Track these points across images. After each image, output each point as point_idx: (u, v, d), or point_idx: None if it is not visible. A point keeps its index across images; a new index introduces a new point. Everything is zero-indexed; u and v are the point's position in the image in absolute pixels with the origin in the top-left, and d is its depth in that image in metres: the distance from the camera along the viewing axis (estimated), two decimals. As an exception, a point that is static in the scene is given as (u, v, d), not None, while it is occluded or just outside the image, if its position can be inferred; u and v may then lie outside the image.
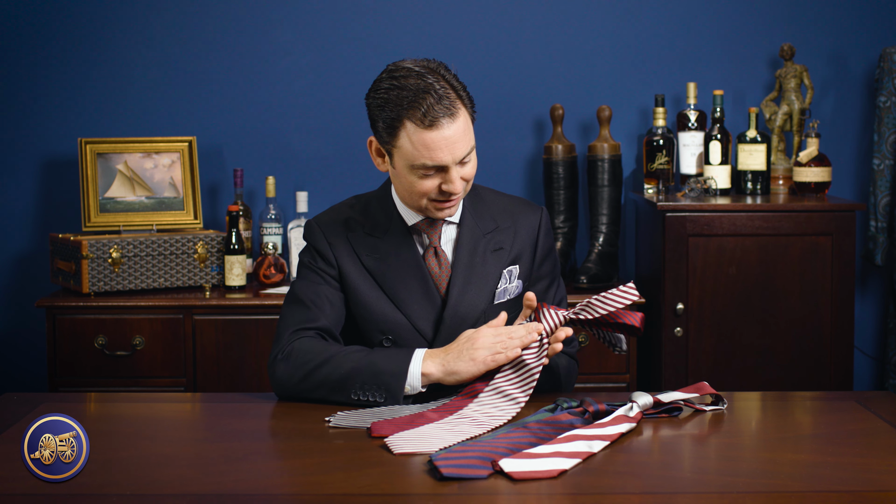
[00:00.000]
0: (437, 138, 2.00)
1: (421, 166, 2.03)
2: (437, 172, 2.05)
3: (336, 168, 3.71)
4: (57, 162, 3.68)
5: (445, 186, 2.05)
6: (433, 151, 2.01)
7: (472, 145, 2.06)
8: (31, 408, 2.01)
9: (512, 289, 2.19)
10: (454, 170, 2.04)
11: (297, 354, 2.05)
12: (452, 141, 2.01)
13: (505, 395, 1.95)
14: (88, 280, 3.30)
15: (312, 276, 2.17)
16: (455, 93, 2.04)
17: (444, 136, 2.01)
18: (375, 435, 1.83)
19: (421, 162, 2.03)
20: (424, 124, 2.00)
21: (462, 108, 2.04)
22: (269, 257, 3.46)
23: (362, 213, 2.22)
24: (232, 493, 1.60)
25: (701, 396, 2.03)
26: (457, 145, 2.02)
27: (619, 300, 1.98)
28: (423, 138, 2.01)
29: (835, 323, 3.27)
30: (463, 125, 2.03)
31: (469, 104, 2.07)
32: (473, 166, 2.09)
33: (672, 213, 3.25)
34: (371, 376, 1.99)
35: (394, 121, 2.02)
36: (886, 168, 3.57)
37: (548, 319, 1.98)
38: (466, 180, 2.09)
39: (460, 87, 2.06)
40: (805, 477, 1.67)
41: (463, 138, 2.03)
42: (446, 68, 2.07)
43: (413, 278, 2.15)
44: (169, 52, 3.68)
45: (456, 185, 2.05)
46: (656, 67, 3.71)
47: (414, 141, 2.01)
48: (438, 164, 2.02)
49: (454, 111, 2.01)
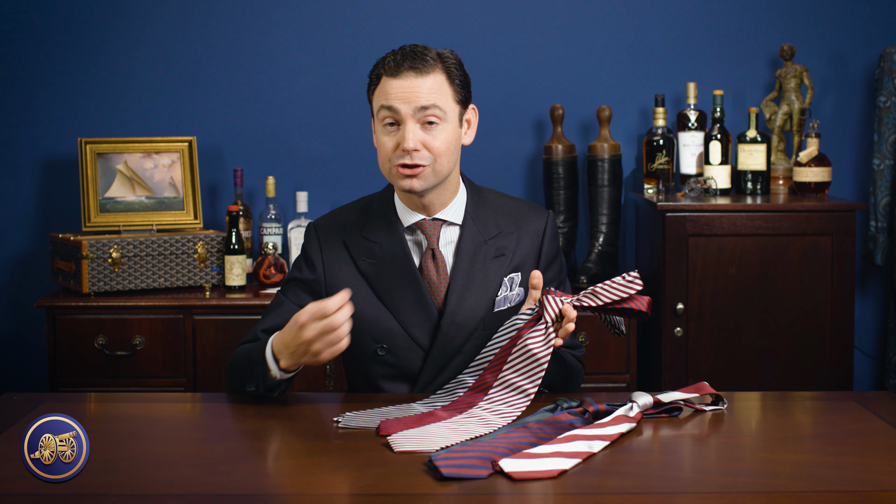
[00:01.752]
0: (396, 84, 2.06)
1: (380, 110, 2.08)
2: (397, 127, 2.08)
3: (336, 168, 3.71)
4: (57, 162, 3.68)
5: (401, 142, 2.06)
6: (389, 95, 2.07)
7: (436, 104, 2.07)
8: (31, 408, 2.01)
9: (512, 297, 2.17)
10: (410, 123, 2.06)
11: (231, 361, 2.14)
12: (410, 89, 2.05)
13: (514, 388, 1.94)
14: (88, 280, 3.30)
15: (288, 290, 2.20)
16: (441, 63, 2.09)
17: (403, 84, 2.06)
18: (383, 434, 1.83)
19: (379, 104, 2.08)
20: (388, 72, 2.07)
21: (438, 72, 2.08)
22: (269, 257, 3.46)
23: (362, 215, 2.21)
24: (232, 493, 1.60)
25: (701, 396, 2.03)
26: (415, 94, 2.06)
27: (625, 289, 1.98)
28: (385, 83, 2.08)
29: (835, 323, 3.27)
30: (431, 83, 2.07)
31: (458, 86, 2.11)
32: (443, 141, 2.08)
33: (672, 213, 3.25)
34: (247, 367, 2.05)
35: (373, 78, 2.11)
36: (886, 168, 3.57)
37: (552, 306, 1.97)
38: (431, 151, 2.07)
39: (455, 69, 2.10)
40: (805, 477, 1.67)
41: (426, 92, 2.06)
42: (454, 55, 2.13)
43: (408, 285, 2.13)
44: (169, 52, 3.68)
45: (408, 141, 2.05)
46: (656, 67, 3.71)
47: (380, 88, 2.09)
48: (392, 107, 2.06)
49: (424, 67, 2.06)
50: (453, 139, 2.10)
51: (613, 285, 1.99)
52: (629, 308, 1.99)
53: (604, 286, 2.00)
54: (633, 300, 1.99)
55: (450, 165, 2.12)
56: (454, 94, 2.10)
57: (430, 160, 2.08)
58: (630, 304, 1.99)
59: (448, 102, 2.09)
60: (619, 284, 1.99)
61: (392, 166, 2.09)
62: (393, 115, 2.07)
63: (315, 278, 2.18)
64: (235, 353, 2.13)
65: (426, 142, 2.07)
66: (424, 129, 2.07)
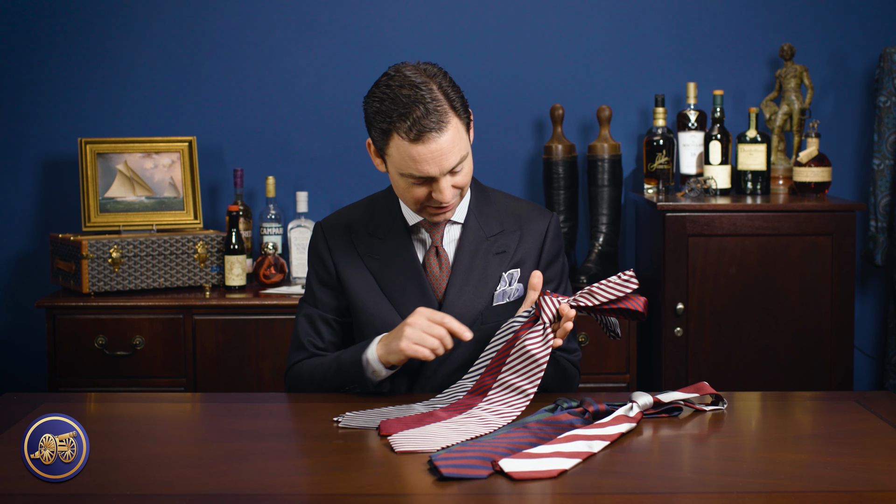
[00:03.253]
0: (423, 151, 2.01)
1: (409, 176, 2.04)
2: (426, 182, 2.05)
3: (336, 168, 3.71)
4: (57, 162, 3.68)
5: (435, 195, 2.06)
6: (419, 164, 2.02)
7: (462, 155, 2.05)
8: (31, 408, 2.01)
9: (511, 292, 2.19)
10: (443, 180, 2.04)
11: (296, 383, 2.20)
12: (439, 153, 2.01)
13: (514, 389, 1.94)
14: (88, 280, 3.30)
15: (308, 297, 2.25)
16: (448, 104, 2.02)
17: (430, 150, 2.01)
18: (384, 434, 1.83)
19: (408, 172, 2.04)
20: (410, 137, 2.00)
21: (453, 120, 2.02)
22: (269, 257, 3.46)
23: (367, 213, 2.23)
24: (232, 493, 1.60)
25: (701, 396, 2.03)
26: (444, 157, 2.02)
27: (620, 288, 1.98)
28: (409, 151, 2.01)
29: (835, 323, 3.27)
30: (452, 137, 2.02)
31: (463, 113, 2.06)
32: (466, 175, 2.08)
33: (672, 213, 3.25)
34: (342, 373, 2.10)
35: (384, 131, 2.04)
36: (886, 168, 3.57)
37: (549, 306, 1.97)
38: (458, 188, 2.09)
39: (455, 96, 2.05)
40: (805, 477, 1.67)
41: (452, 150, 2.02)
42: (445, 75, 2.06)
43: (411, 281, 2.16)
44: (169, 52, 3.68)
45: (445, 195, 2.05)
46: (656, 67, 3.71)
47: (401, 152, 2.02)
48: (425, 176, 2.03)
49: (443, 124, 2.00)
50: (471, 163, 2.12)
51: (609, 285, 1.99)
52: (625, 308, 1.99)
53: (600, 286, 2.00)
54: (629, 300, 1.99)
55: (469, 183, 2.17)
56: (463, 124, 2.07)
57: (458, 193, 2.11)
58: (626, 303, 1.99)
59: (465, 142, 2.07)
60: (615, 284, 1.99)
61: (422, 208, 2.11)
62: (423, 178, 2.05)
63: (330, 276, 2.21)
64: (301, 371, 2.19)
65: (455, 183, 2.08)
66: (451, 174, 2.06)
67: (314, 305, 2.23)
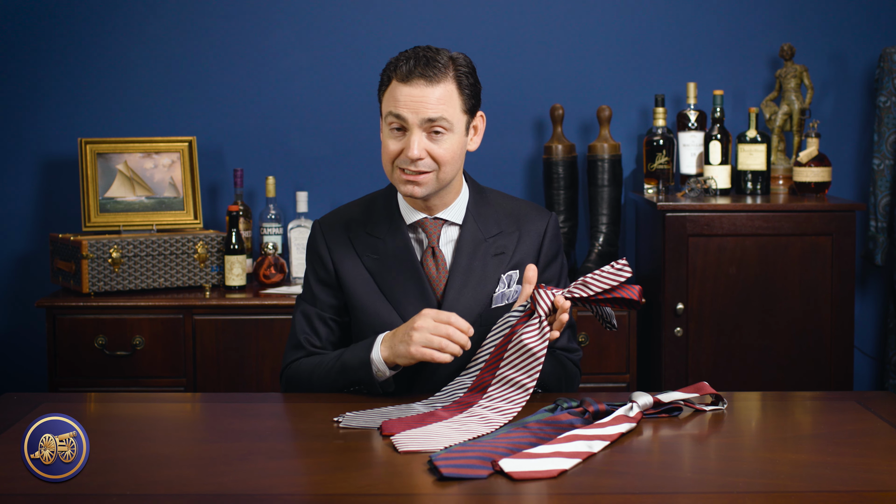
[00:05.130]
0: (405, 91, 2.06)
1: (387, 115, 2.09)
2: (402, 132, 2.08)
3: (336, 168, 3.71)
4: (57, 162, 3.68)
5: (405, 150, 2.08)
6: (398, 102, 2.07)
7: (445, 117, 2.07)
8: (31, 408, 2.01)
9: (510, 293, 2.18)
10: (416, 132, 2.06)
11: (294, 383, 2.19)
12: (420, 99, 2.06)
13: (513, 384, 1.94)
14: (88, 280, 3.30)
15: (306, 295, 2.25)
16: (452, 72, 2.08)
17: (413, 93, 2.06)
18: (386, 434, 1.83)
19: (388, 110, 2.08)
20: (399, 77, 2.07)
21: (449, 85, 2.07)
22: (269, 257, 3.46)
23: (366, 211, 2.23)
24: (232, 493, 1.60)
25: (701, 396, 2.03)
26: (424, 105, 2.06)
27: (614, 277, 1.97)
28: (394, 90, 2.08)
29: (835, 323, 3.27)
30: (440, 93, 2.06)
31: (467, 95, 2.10)
32: (448, 149, 2.09)
33: (672, 213, 3.25)
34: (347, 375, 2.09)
35: (387, 79, 2.11)
36: (886, 168, 3.57)
37: (544, 299, 1.97)
38: (436, 160, 2.09)
39: (465, 76, 2.10)
40: (805, 477, 1.67)
41: (435, 105, 2.06)
42: (467, 60, 2.13)
43: (409, 280, 2.16)
44: (169, 52, 3.68)
45: (412, 150, 2.06)
46: (656, 67, 3.71)
47: (390, 93, 2.09)
48: (399, 115, 2.06)
49: (435, 76, 2.06)
50: (458, 148, 2.11)
51: (603, 274, 1.98)
52: (621, 297, 1.98)
53: (593, 276, 1.99)
54: (623, 289, 1.98)
55: (453, 173, 2.13)
56: (462, 103, 2.10)
57: (434, 168, 2.10)
58: (621, 292, 1.98)
59: (455, 113, 2.09)
60: (609, 273, 1.98)
61: (395, 169, 2.11)
62: (400, 121, 2.08)
63: (328, 274, 2.21)
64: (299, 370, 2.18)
65: (431, 150, 2.08)
66: (430, 137, 2.08)
67: (312, 304, 2.23)
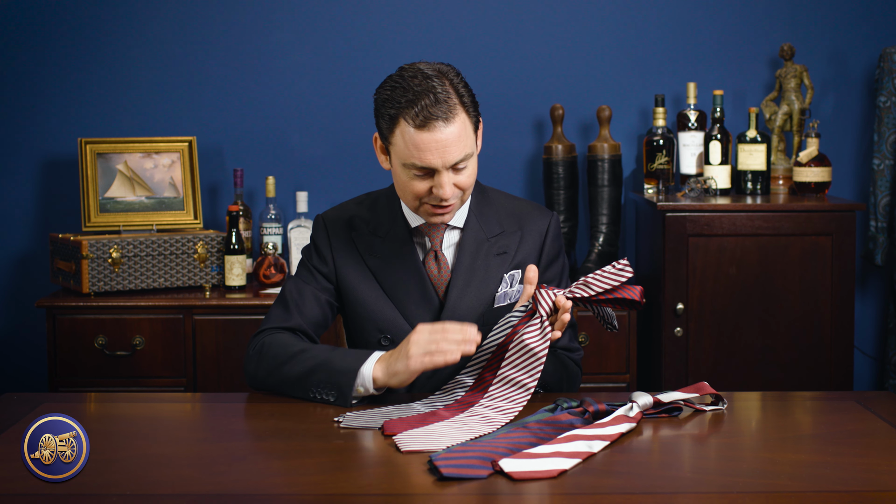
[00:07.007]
0: (428, 139, 2.00)
1: (411, 166, 2.03)
2: (428, 175, 2.04)
3: (336, 168, 3.71)
4: (57, 162, 3.68)
5: (435, 190, 2.04)
6: (422, 152, 2.01)
7: (467, 153, 2.04)
8: (31, 408, 2.01)
9: (512, 293, 2.18)
10: (444, 174, 2.03)
11: (267, 351, 2.09)
12: (444, 144, 2.00)
13: (514, 384, 1.94)
14: (88, 280, 3.30)
15: (303, 274, 2.22)
16: (458, 99, 2.02)
17: (436, 139, 1.99)
18: (388, 433, 1.83)
19: (411, 161, 2.02)
20: (416, 123, 2.00)
21: (461, 114, 2.02)
22: (269, 257, 3.46)
23: (369, 211, 2.23)
24: (232, 493, 1.60)
25: (701, 396, 2.03)
26: (448, 149, 2.01)
27: (615, 277, 1.97)
28: (414, 138, 2.00)
29: (835, 323, 3.27)
30: (458, 130, 2.01)
31: (473, 112, 2.06)
32: (469, 176, 2.07)
33: (672, 213, 3.25)
34: (326, 375, 2.01)
35: (392, 118, 2.03)
36: (886, 168, 3.57)
37: (546, 299, 1.97)
38: (461, 188, 2.07)
39: (466, 94, 2.05)
40: (805, 477, 1.67)
41: (456, 144, 2.01)
42: (458, 75, 2.06)
43: (412, 280, 2.16)
44: (169, 52, 3.68)
45: (445, 191, 2.03)
46: (656, 67, 3.71)
47: (406, 139, 2.01)
48: (426, 166, 2.02)
49: (450, 115, 2.00)
50: (476, 166, 2.10)
51: (605, 274, 1.98)
52: (622, 298, 1.98)
53: (595, 276, 1.98)
54: (624, 289, 1.97)
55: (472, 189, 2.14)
56: (472, 124, 2.06)
57: (460, 195, 2.09)
58: (622, 293, 1.97)
59: (471, 139, 2.06)
60: (610, 273, 1.97)
61: (421, 205, 2.08)
62: (426, 169, 2.03)
63: (327, 269, 2.21)
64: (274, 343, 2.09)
65: (457, 182, 2.06)
66: (455, 171, 2.05)
67: (307, 282, 2.19)
